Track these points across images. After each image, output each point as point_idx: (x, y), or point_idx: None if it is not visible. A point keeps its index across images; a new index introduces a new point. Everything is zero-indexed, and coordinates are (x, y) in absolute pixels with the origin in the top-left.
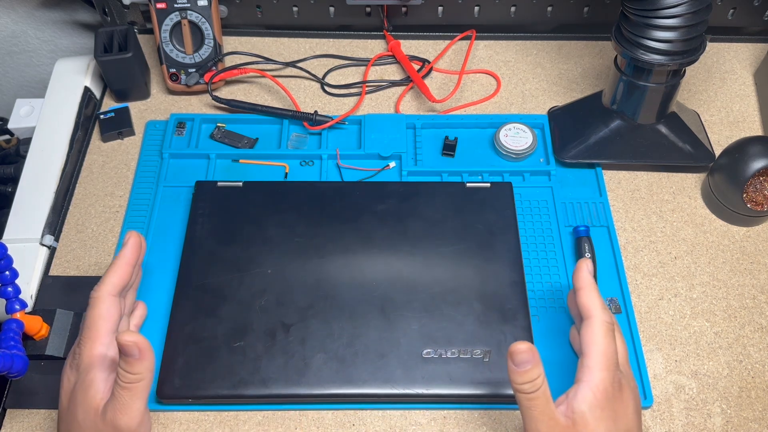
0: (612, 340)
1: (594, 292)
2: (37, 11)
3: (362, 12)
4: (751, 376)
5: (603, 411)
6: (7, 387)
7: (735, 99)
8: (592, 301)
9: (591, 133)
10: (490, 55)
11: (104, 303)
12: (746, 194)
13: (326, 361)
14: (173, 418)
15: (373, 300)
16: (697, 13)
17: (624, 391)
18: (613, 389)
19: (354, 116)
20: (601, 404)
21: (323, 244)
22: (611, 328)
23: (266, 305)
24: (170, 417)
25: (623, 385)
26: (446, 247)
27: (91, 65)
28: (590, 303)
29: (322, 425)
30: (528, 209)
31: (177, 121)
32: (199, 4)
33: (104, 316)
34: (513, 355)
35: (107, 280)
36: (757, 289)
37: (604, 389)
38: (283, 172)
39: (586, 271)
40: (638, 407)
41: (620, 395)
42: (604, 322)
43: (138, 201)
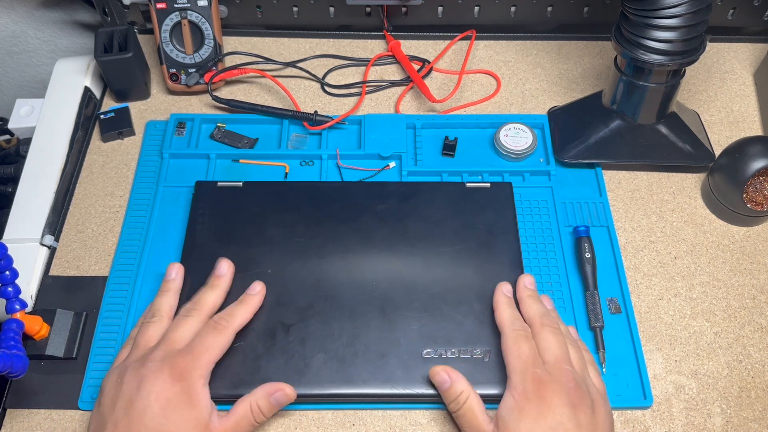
0: (522, 344)
1: (503, 308)
2: (37, 11)
3: (362, 12)
4: (751, 376)
5: (521, 411)
6: (7, 387)
7: (735, 99)
8: (501, 318)
9: (591, 133)
10: (490, 55)
11: (230, 336)
12: (746, 194)
13: (326, 361)
14: None
15: (373, 300)
16: (697, 13)
17: (546, 388)
18: (533, 388)
19: (354, 116)
20: (519, 405)
21: (323, 244)
22: (519, 335)
23: (266, 305)
24: None
25: (545, 382)
26: (446, 247)
27: (91, 65)
28: (500, 319)
29: (322, 425)
30: (528, 209)
31: (177, 121)
32: (199, 4)
33: (224, 347)
34: (431, 378)
35: (239, 318)
36: (757, 289)
37: (522, 391)
38: (283, 172)
39: (499, 293)
40: (573, 401)
41: (541, 392)
42: (511, 330)
43: (138, 201)
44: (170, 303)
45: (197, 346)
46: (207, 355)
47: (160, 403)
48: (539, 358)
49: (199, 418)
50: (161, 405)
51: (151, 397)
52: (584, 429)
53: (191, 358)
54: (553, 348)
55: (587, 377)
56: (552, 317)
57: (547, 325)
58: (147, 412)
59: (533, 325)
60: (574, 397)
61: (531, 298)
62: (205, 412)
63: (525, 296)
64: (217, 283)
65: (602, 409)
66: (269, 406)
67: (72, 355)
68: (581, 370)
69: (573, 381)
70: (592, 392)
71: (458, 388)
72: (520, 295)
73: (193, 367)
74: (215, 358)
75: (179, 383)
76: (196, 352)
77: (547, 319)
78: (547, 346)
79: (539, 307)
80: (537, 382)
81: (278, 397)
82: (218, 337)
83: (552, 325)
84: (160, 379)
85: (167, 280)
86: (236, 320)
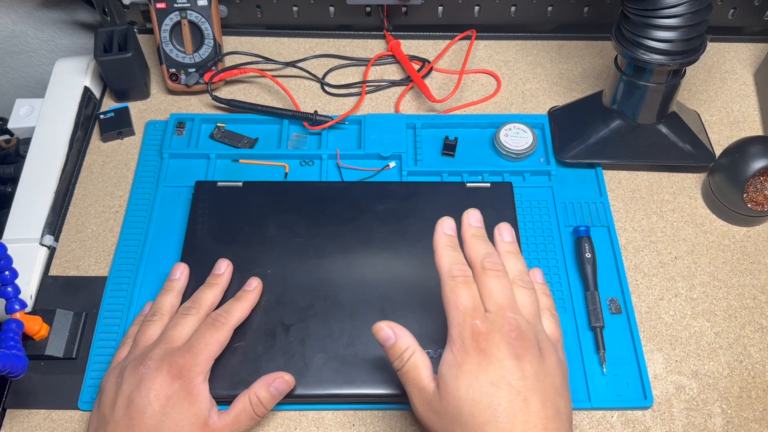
0: (461, 293)
1: (441, 251)
2: (37, 11)
3: (362, 12)
4: (751, 376)
5: (461, 367)
6: (6, 387)
7: (735, 99)
8: (439, 262)
9: (591, 133)
10: (490, 55)
11: (228, 332)
12: (746, 194)
13: (326, 361)
14: None
15: (373, 300)
16: (697, 13)
17: (486, 340)
18: (472, 341)
19: (354, 116)
20: (458, 361)
21: (323, 244)
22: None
23: (266, 305)
24: None
25: (485, 333)
26: None
27: (91, 65)
28: (438, 264)
29: (322, 425)
30: (528, 209)
31: (177, 121)
32: (199, 4)
33: (223, 343)
34: (374, 334)
35: (236, 314)
36: (758, 289)
37: (461, 345)
38: (283, 172)
39: (439, 232)
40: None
41: (480, 345)
42: (450, 278)
43: (138, 201)
44: (172, 302)
45: (196, 344)
46: (206, 352)
47: (159, 401)
48: (480, 307)
49: (199, 415)
50: (161, 403)
51: (150, 395)
52: (530, 380)
53: (190, 356)
54: (495, 294)
55: (538, 324)
56: (496, 259)
57: (489, 269)
58: (147, 411)
59: (474, 270)
60: (518, 347)
61: (474, 237)
62: (204, 408)
63: (468, 236)
64: (216, 282)
65: (552, 357)
66: (269, 396)
67: (72, 355)
68: (531, 316)
69: (516, 330)
70: (541, 340)
71: (403, 344)
72: (463, 234)
73: (192, 364)
74: (214, 354)
75: (178, 381)
76: (195, 349)
77: (488, 262)
78: (489, 292)
79: (482, 248)
80: (476, 334)
81: (278, 386)
82: (216, 333)
83: (494, 268)
84: (159, 377)
85: (171, 280)
86: (234, 316)
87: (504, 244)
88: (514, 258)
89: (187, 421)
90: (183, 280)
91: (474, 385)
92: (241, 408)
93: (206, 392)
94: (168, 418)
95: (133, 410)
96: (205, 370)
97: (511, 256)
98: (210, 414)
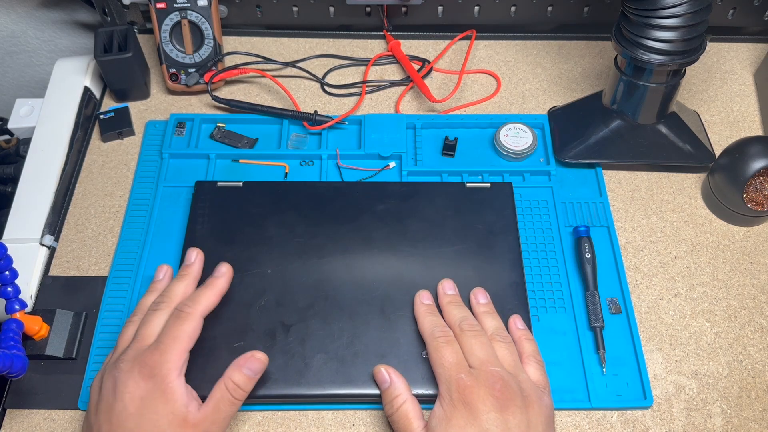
0: (444, 351)
1: (422, 318)
2: (37, 11)
3: (362, 12)
4: (751, 376)
5: (450, 421)
6: (6, 387)
7: (735, 99)
8: (422, 328)
9: (591, 133)
10: (490, 55)
11: (197, 321)
12: (746, 194)
13: (326, 362)
14: None
15: (373, 300)
16: (697, 13)
17: (472, 394)
18: (458, 395)
19: (354, 116)
20: (447, 415)
21: (323, 244)
22: (440, 342)
23: (266, 305)
24: None
25: (470, 387)
26: (446, 248)
27: (91, 65)
28: (421, 329)
29: (322, 425)
30: (528, 209)
31: (177, 121)
32: (199, 4)
33: (192, 333)
34: (374, 375)
35: (203, 302)
36: (757, 289)
37: (449, 400)
38: (283, 172)
39: (418, 302)
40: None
41: (467, 399)
42: (433, 339)
43: (138, 201)
44: None
45: (164, 340)
46: (174, 347)
47: (134, 403)
48: (464, 362)
49: (176, 412)
50: (135, 405)
51: (125, 398)
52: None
53: (158, 353)
54: (475, 351)
55: (520, 373)
56: (472, 321)
57: (467, 330)
58: (123, 414)
59: (454, 332)
60: (502, 398)
61: (450, 304)
62: (180, 404)
63: (445, 303)
64: (186, 272)
65: (535, 405)
66: (245, 378)
67: (72, 355)
68: (511, 367)
69: (500, 381)
70: (525, 389)
71: (396, 390)
72: (440, 302)
73: (161, 361)
74: (185, 347)
75: (150, 381)
76: (163, 346)
77: (466, 324)
78: (470, 349)
79: (458, 312)
80: (462, 388)
81: (251, 366)
82: (183, 325)
83: (472, 329)
84: (132, 380)
85: (155, 281)
86: (201, 305)
87: (480, 306)
88: (490, 317)
89: (164, 419)
90: (165, 281)
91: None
92: (219, 396)
93: (182, 388)
94: (145, 420)
95: (113, 415)
96: (178, 366)
97: (487, 315)
98: (188, 409)
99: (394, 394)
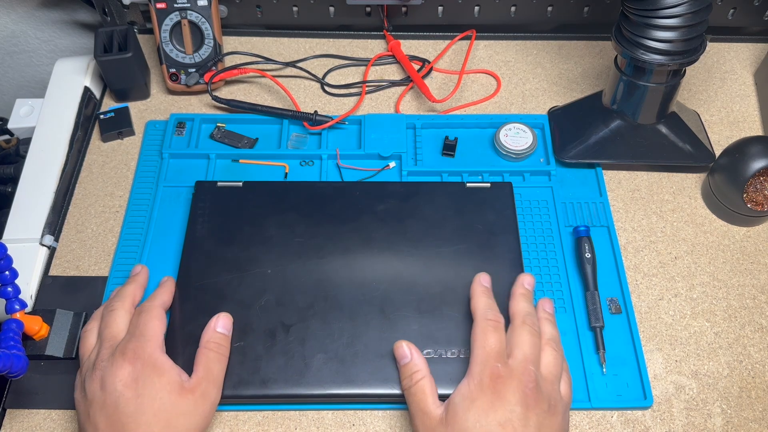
0: (490, 335)
1: (478, 297)
2: (37, 11)
3: (362, 12)
4: (751, 376)
5: (474, 402)
6: (6, 387)
7: (735, 99)
8: (475, 306)
9: (591, 133)
10: (490, 55)
11: (160, 311)
12: (746, 194)
13: (326, 362)
14: None
15: (373, 300)
16: (697, 13)
17: (504, 384)
18: (490, 381)
19: (354, 116)
20: (473, 395)
21: (323, 244)
22: (489, 325)
23: (266, 305)
24: None
25: (503, 377)
26: (446, 248)
27: (91, 65)
28: (474, 307)
29: (322, 425)
30: (528, 209)
31: (177, 121)
32: (199, 4)
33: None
34: (394, 350)
35: (160, 297)
36: (757, 289)
37: (479, 381)
38: (283, 172)
39: (477, 282)
40: (528, 401)
41: (497, 387)
42: (483, 320)
43: (138, 201)
44: None
45: (137, 330)
46: (149, 330)
47: (129, 387)
48: (504, 353)
49: (171, 382)
50: (131, 388)
51: (118, 387)
52: (532, 429)
53: (136, 339)
54: (524, 346)
55: (555, 384)
56: (534, 319)
57: (528, 325)
58: (120, 402)
59: (514, 321)
60: (531, 398)
61: (523, 296)
62: (173, 374)
63: (518, 293)
64: (132, 279)
65: (558, 417)
66: (221, 335)
67: (72, 355)
68: (551, 375)
69: (533, 382)
70: (553, 398)
71: (416, 366)
72: (514, 290)
73: (142, 343)
74: (159, 331)
75: (138, 361)
76: (138, 331)
77: (530, 319)
78: (520, 342)
79: (527, 307)
80: (496, 376)
81: (223, 324)
82: (150, 314)
83: (533, 326)
84: (119, 368)
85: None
86: (158, 299)
87: (545, 312)
88: (550, 324)
89: (163, 391)
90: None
91: (482, 421)
92: (205, 358)
93: (169, 361)
94: (144, 398)
95: (107, 408)
96: (159, 344)
97: (548, 322)
98: (182, 377)
99: (413, 369)
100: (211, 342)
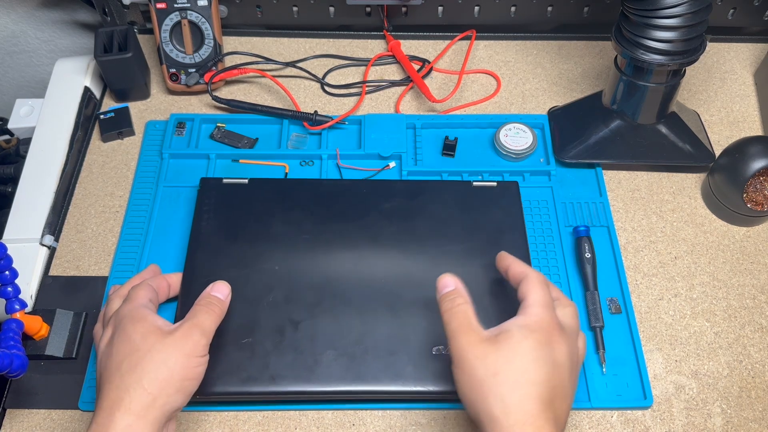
0: (549, 291)
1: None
2: (37, 11)
3: (362, 12)
4: (751, 376)
5: (532, 333)
6: (7, 387)
7: (735, 99)
8: (523, 267)
9: (591, 133)
10: (490, 55)
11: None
12: (746, 194)
13: (336, 358)
14: None
15: (382, 297)
16: (697, 13)
17: (561, 334)
18: (549, 326)
19: (354, 116)
20: (531, 327)
21: (330, 241)
22: (546, 282)
23: (274, 301)
24: None
25: (561, 329)
26: (454, 245)
27: (91, 65)
28: (522, 268)
29: (322, 425)
30: (528, 209)
31: (177, 121)
32: (199, 4)
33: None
34: (437, 281)
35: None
36: (757, 289)
37: (539, 319)
38: (283, 172)
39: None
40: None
41: (553, 333)
42: (540, 276)
43: (138, 201)
44: None
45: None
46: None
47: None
48: None
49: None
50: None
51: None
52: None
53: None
54: (569, 319)
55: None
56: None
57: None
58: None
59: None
60: (574, 358)
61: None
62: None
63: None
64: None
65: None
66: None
67: (72, 355)
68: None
69: (576, 348)
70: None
71: (459, 295)
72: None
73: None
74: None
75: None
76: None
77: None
78: (567, 314)
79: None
80: (554, 324)
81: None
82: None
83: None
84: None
85: None
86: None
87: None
88: None
89: (136, 333)
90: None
91: (538, 349)
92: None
93: (152, 314)
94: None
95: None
96: (142, 303)
97: None
98: (162, 324)
99: (456, 295)
100: (202, 300)
